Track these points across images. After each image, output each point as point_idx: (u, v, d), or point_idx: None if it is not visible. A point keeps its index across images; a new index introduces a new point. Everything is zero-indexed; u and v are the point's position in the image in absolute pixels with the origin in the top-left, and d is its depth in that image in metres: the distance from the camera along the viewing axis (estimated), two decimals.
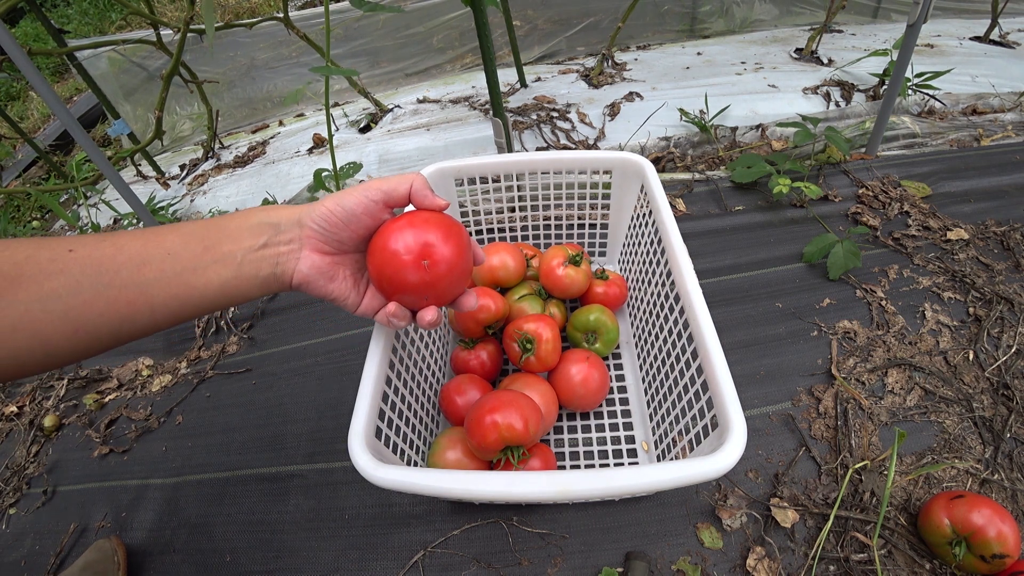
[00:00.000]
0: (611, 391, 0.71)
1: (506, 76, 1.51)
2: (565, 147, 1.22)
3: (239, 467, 0.71)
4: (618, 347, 0.76)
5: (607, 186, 0.77)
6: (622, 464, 0.64)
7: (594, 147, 1.21)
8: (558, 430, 0.68)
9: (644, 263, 0.70)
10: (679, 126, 1.23)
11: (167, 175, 1.56)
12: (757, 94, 1.30)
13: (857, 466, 0.61)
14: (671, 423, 0.57)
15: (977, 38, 1.54)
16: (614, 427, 0.67)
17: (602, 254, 0.87)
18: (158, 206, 1.28)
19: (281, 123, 1.71)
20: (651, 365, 0.66)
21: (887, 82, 1.14)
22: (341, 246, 0.42)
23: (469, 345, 0.69)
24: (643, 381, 0.69)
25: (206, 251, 0.36)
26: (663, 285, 0.62)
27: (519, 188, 0.77)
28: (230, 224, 0.38)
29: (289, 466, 0.70)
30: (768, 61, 1.48)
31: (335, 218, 0.40)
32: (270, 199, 1.19)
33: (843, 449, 0.63)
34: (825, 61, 1.44)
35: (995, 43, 1.51)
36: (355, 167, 1.12)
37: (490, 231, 0.84)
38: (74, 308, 0.32)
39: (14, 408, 0.87)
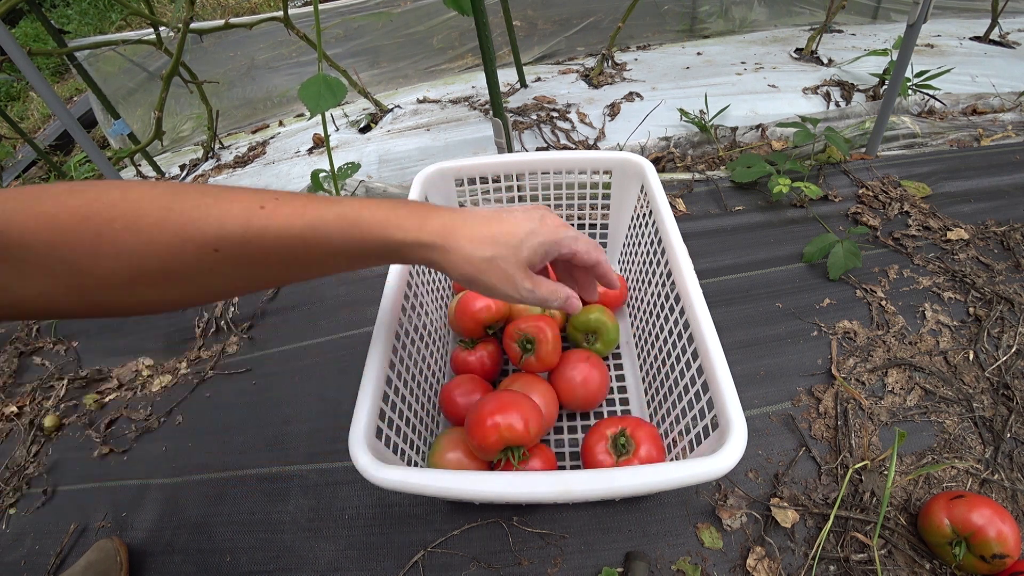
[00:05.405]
0: (611, 391, 0.71)
1: (506, 76, 1.51)
2: (565, 147, 1.22)
3: (239, 467, 0.71)
4: (618, 347, 0.76)
5: (607, 186, 0.77)
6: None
7: (594, 147, 1.21)
8: (558, 430, 0.68)
9: (644, 263, 0.70)
10: (679, 126, 1.22)
11: (167, 175, 1.56)
12: (757, 94, 1.30)
13: (857, 466, 0.61)
14: (671, 423, 0.57)
15: (977, 38, 1.54)
16: None
17: None
18: None
19: (281, 123, 1.71)
20: (651, 365, 0.66)
21: (887, 82, 1.14)
22: None
23: (469, 345, 0.69)
24: (643, 381, 0.69)
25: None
26: (663, 285, 0.62)
27: (519, 188, 0.77)
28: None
29: (289, 466, 0.70)
30: (768, 61, 1.48)
31: None
32: None
33: (843, 449, 0.63)
34: (825, 61, 1.44)
35: (995, 43, 1.51)
36: (353, 167, 1.12)
37: None
38: (239, 288, 0.35)
39: (14, 408, 0.87)
